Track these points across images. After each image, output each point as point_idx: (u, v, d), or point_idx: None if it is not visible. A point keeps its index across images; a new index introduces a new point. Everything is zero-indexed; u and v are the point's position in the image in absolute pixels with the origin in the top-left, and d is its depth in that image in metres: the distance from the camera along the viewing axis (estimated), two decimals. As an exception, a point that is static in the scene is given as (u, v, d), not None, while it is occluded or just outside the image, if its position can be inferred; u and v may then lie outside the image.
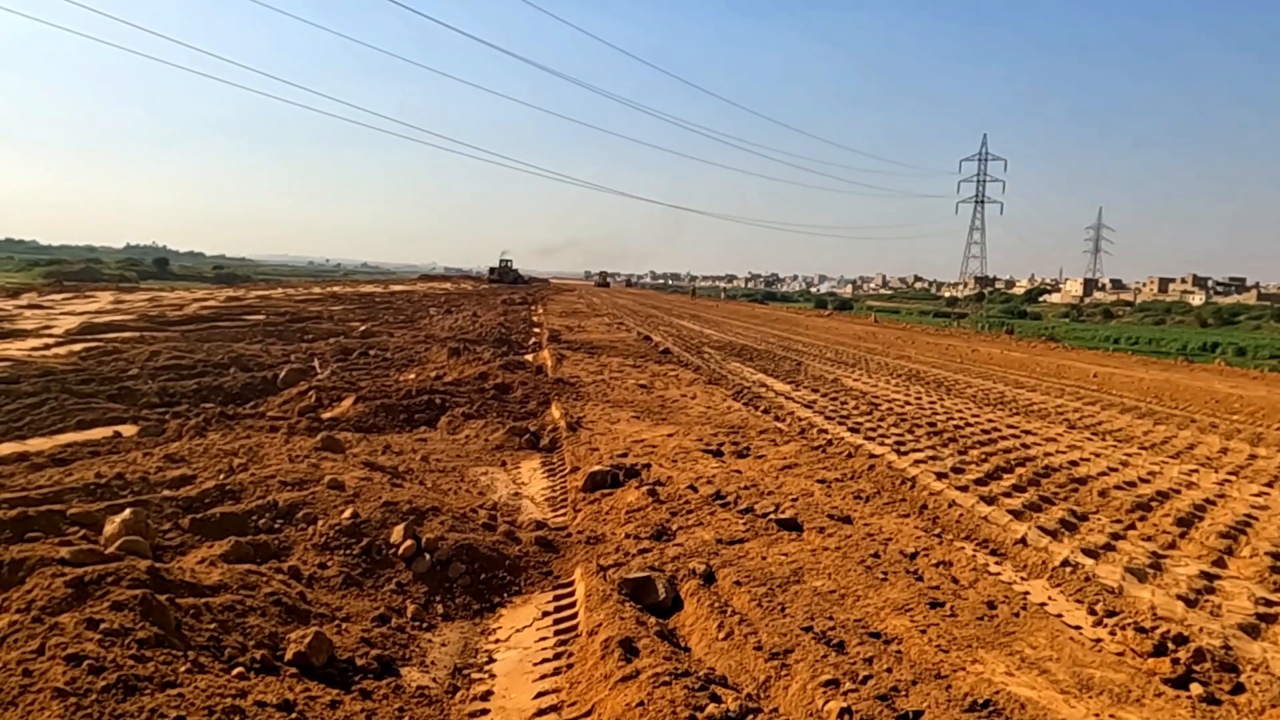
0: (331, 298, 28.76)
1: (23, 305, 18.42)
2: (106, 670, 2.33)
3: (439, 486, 5.42)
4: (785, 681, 2.93)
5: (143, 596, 2.72)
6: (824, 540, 4.54)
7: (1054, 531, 4.83)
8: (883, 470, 6.24)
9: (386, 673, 3.03)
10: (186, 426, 6.49)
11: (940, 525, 5.06)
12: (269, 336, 14.10)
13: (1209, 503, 5.85)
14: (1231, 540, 4.92)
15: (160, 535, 3.90)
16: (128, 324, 14.56)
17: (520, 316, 25.48)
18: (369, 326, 17.24)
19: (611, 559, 4.19)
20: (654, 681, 2.73)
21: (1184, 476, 6.72)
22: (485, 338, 15.81)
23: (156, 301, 21.49)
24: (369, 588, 3.72)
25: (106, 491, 4.45)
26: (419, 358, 12.22)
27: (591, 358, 13.66)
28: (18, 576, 2.99)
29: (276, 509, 4.30)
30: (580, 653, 3.16)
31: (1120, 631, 3.50)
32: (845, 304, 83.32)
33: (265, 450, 5.63)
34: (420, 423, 7.69)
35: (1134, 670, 3.20)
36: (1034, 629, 3.53)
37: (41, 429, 6.51)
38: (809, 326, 31.35)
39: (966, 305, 68.91)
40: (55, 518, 3.89)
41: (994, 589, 3.97)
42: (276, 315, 18.79)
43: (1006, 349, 23.46)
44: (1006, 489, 5.82)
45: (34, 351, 10.48)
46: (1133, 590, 4.01)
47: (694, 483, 5.58)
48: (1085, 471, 6.59)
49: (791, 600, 3.65)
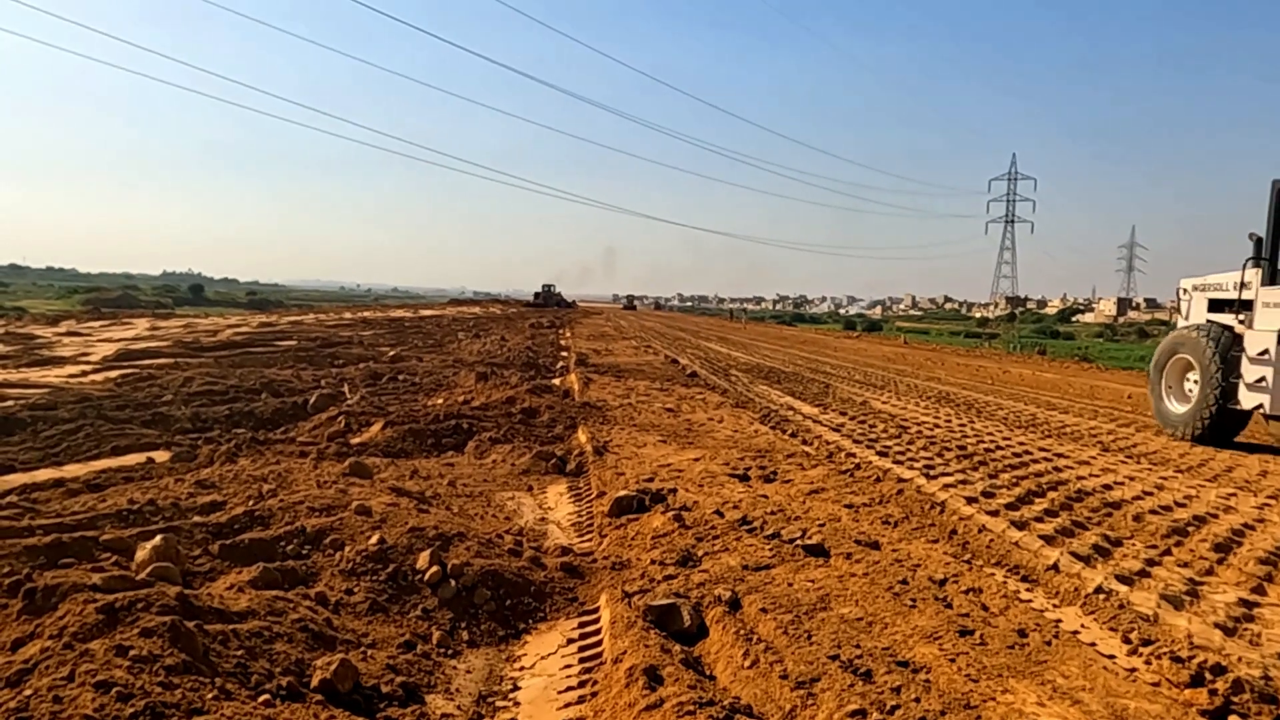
0: (362, 323, 29.10)
1: (61, 332, 18.82)
2: (135, 697, 2.36)
3: (465, 511, 5.45)
4: (811, 711, 2.90)
5: (171, 623, 2.76)
6: (851, 566, 4.49)
7: (1087, 557, 4.74)
8: (911, 495, 6.18)
9: (411, 700, 3.03)
10: (218, 452, 6.58)
11: (970, 551, 4.99)
12: (300, 362, 14.28)
13: (1248, 527, 5.72)
14: (1271, 567, 4.80)
15: (190, 561, 3.95)
16: (163, 350, 14.83)
17: (548, 340, 25.61)
18: (398, 351, 17.41)
19: (637, 585, 4.18)
20: (678, 711, 2.71)
21: (1221, 500, 6.58)
22: (513, 362, 15.90)
23: (191, 328, 21.87)
24: (395, 614, 3.73)
25: (139, 517, 4.52)
26: (447, 382, 12.31)
27: (618, 381, 13.69)
28: (51, 603, 3.04)
29: (304, 535, 4.34)
30: (604, 680, 3.14)
31: (1156, 661, 3.42)
32: (874, 325, 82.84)
33: (294, 476, 5.69)
34: (448, 447, 7.73)
35: (1170, 701, 3.12)
36: (1066, 658, 3.46)
37: (78, 455, 6.63)
38: (837, 348, 31.19)
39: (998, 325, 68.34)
40: (89, 544, 3.96)
41: (1025, 616, 3.90)
42: (308, 341, 19.03)
43: (1039, 370, 23.17)
44: (1038, 513, 5.73)
45: (71, 378, 10.70)
46: (1168, 618, 3.92)
47: (720, 508, 5.55)
48: (1119, 495, 6.48)
49: (818, 628, 3.61)
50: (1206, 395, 9.66)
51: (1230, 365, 9.42)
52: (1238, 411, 9.56)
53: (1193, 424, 9.91)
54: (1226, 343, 9.56)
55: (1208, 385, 9.64)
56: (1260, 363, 9.03)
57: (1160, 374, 10.73)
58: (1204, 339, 9.80)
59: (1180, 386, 10.46)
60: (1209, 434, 9.73)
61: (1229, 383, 9.42)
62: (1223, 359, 9.48)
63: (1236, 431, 10.01)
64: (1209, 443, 9.71)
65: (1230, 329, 9.70)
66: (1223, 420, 9.65)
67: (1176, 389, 10.53)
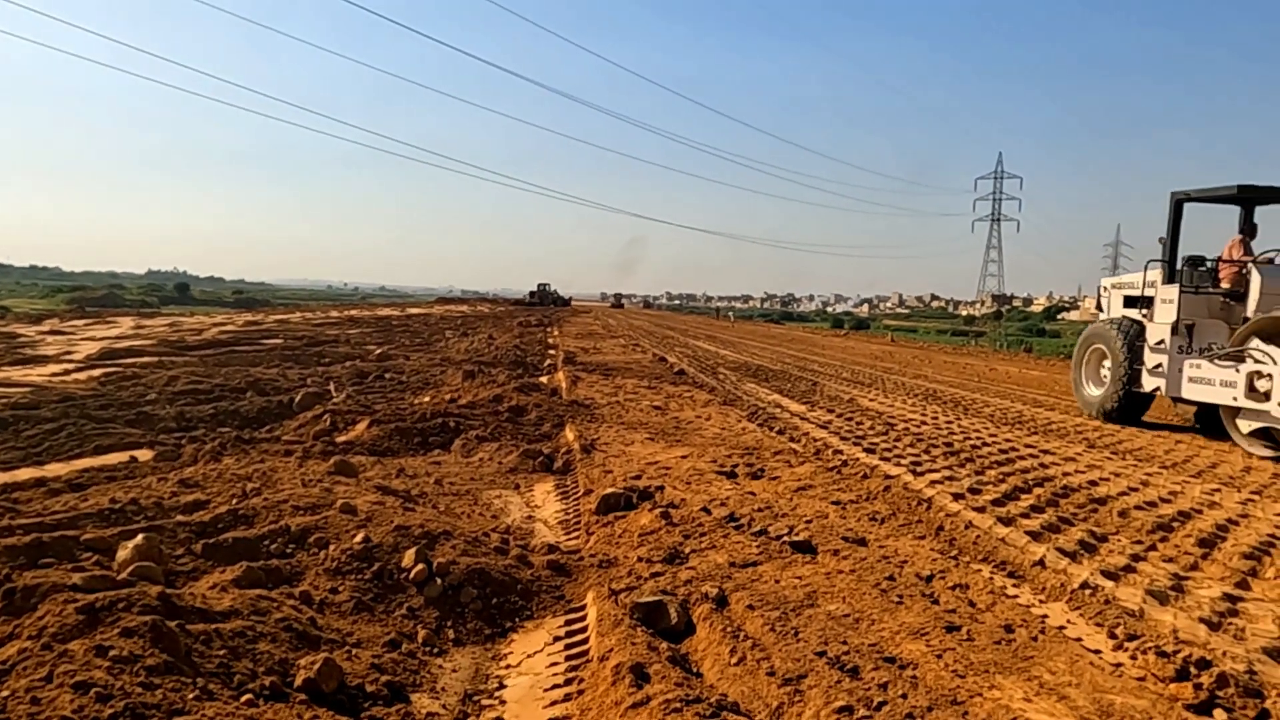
0: (349, 321, 28.97)
1: (45, 331, 18.66)
2: (114, 698, 2.33)
3: (452, 510, 5.42)
4: (798, 708, 2.89)
5: (153, 623, 2.72)
6: (838, 563, 4.49)
7: (1073, 553, 4.76)
8: (898, 491, 6.19)
9: (397, 699, 3.01)
10: (202, 451, 6.53)
11: (957, 547, 5.00)
12: (286, 360, 14.19)
13: (1232, 523, 5.75)
14: (1255, 561, 4.83)
15: (173, 560, 3.91)
16: (147, 349, 14.71)
17: (536, 339, 25.56)
18: (385, 350, 17.32)
19: (624, 582, 4.17)
20: (665, 708, 2.70)
21: (1206, 496, 6.62)
22: (501, 360, 15.85)
23: (176, 326, 21.71)
24: (380, 612, 3.71)
25: (121, 517, 4.48)
26: (434, 380, 12.26)
27: (606, 379, 13.67)
28: (30, 603, 3.00)
29: (289, 534, 4.30)
30: (591, 679, 3.13)
31: (1141, 656, 3.43)
32: (862, 323, 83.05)
33: (279, 474, 5.65)
34: (434, 446, 7.70)
35: (1156, 696, 3.13)
36: (1053, 653, 3.47)
37: (60, 454, 6.56)
38: (825, 346, 31.24)
39: (984, 323, 68.59)
40: (69, 544, 3.91)
41: (1012, 612, 3.91)
42: (294, 339, 18.93)
43: (1025, 367, 23.25)
44: (1024, 509, 5.74)
45: (54, 377, 10.60)
46: (1154, 613, 3.94)
47: (707, 505, 5.55)
48: (1105, 491, 6.50)
49: (805, 624, 3.61)
50: (1116, 380, 10.98)
51: (1136, 354, 10.67)
52: (1142, 394, 10.83)
53: (1105, 406, 11.23)
54: (1133, 334, 10.80)
55: (1117, 371, 10.97)
56: (1158, 351, 10.28)
57: (1080, 362, 12.04)
58: (1115, 331, 11.07)
59: (1097, 373, 11.75)
60: (1119, 414, 11.03)
61: (1134, 369, 10.69)
62: (1130, 348, 10.73)
63: (1142, 412, 11.32)
64: (1119, 422, 11.02)
65: (1138, 322, 10.90)
66: (1130, 402, 10.97)
67: (1093, 375, 11.83)
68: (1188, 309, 10.19)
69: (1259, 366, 8.66)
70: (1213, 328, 10.01)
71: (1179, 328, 10.06)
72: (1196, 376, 9.61)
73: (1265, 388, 8.59)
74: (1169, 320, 10.17)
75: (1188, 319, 10.11)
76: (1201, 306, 10.30)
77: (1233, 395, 8.98)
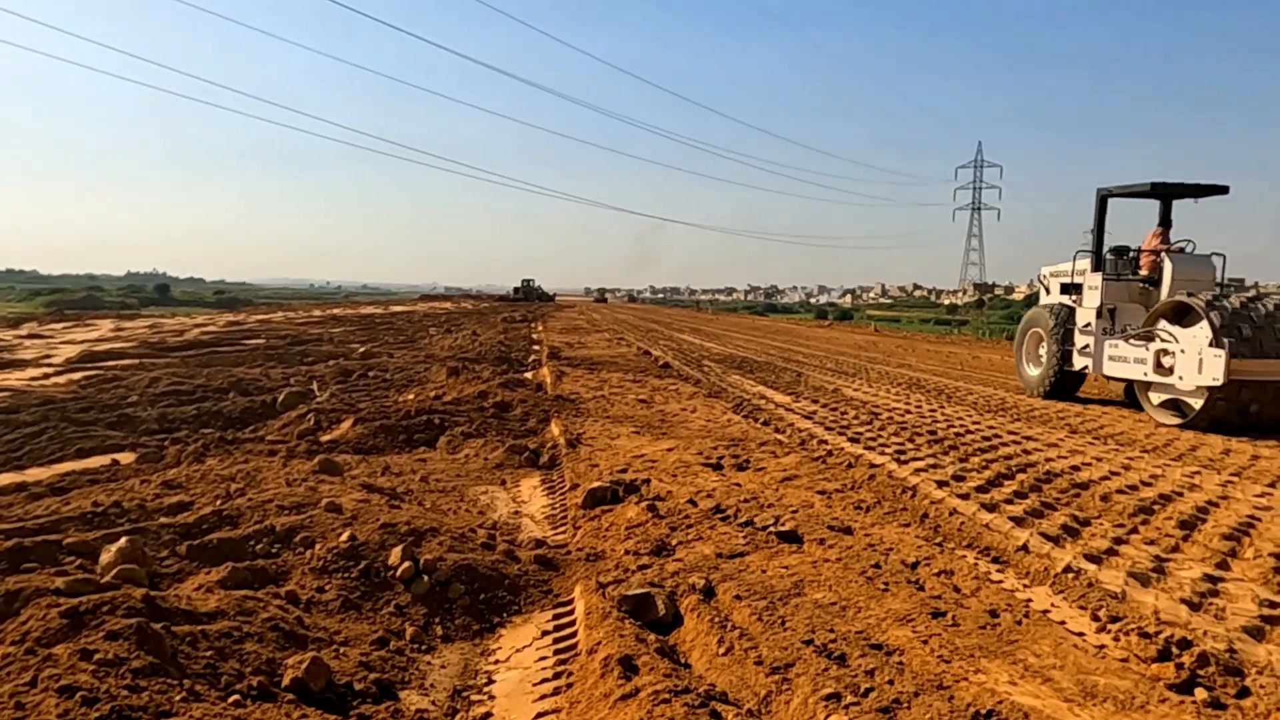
0: (332, 320, 28.82)
1: (23, 335, 18.47)
2: (100, 701, 2.32)
3: (438, 507, 5.41)
4: (786, 696, 2.91)
5: (138, 625, 2.71)
6: (824, 552, 4.52)
7: (1056, 538, 4.80)
8: (883, 480, 6.22)
9: (385, 696, 3.01)
10: (185, 452, 6.49)
11: (941, 534, 5.03)
12: (269, 360, 14.11)
13: (1212, 505, 5.82)
14: (1234, 542, 4.89)
15: (157, 563, 3.89)
16: (128, 351, 14.59)
17: (520, 334, 25.50)
18: (369, 348, 17.25)
19: (611, 576, 4.17)
20: (654, 699, 2.71)
21: (1186, 479, 6.69)
22: (485, 356, 15.82)
23: (157, 328, 21.54)
24: (367, 611, 3.70)
25: (104, 520, 4.45)
26: (419, 378, 12.21)
27: (591, 374, 13.66)
28: (13, 608, 2.99)
29: (274, 533, 4.29)
30: (580, 672, 3.14)
31: (1124, 637, 3.47)
32: (846, 314, 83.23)
33: (263, 474, 5.62)
34: (419, 443, 7.68)
35: (1138, 676, 3.17)
36: (1037, 637, 3.50)
37: (40, 458, 6.51)
38: (809, 337, 31.34)
39: (967, 312, 68.90)
40: (52, 548, 3.88)
41: (996, 597, 3.95)
42: (277, 339, 18.82)
43: (1008, 355, 23.37)
44: (1008, 495, 5.79)
45: (34, 381, 10.50)
46: (1136, 595, 3.99)
47: (694, 497, 5.56)
48: (1087, 476, 6.56)
49: (792, 613, 3.63)
50: (1051, 360, 11.96)
51: (1067, 336, 11.64)
52: (1074, 373, 11.79)
53: (1042, 384, 12.16)
54: (1066, 318, 11.73)
55: (1051, 352, 11.94)
56: (1085, 333, 11.27)
57: (1021, 344, 13.08)
58: (1050, 316, 12.00)
59: (1036, 354, 12.71)
60: (1054, 391, 11.99)
61: (1065, 350, 11.66)
62: (1062, 331, 11.69)
63: (1076, 388, 12.35)
64: (1055, 398, 11.95)
65: (1070, 307, 11.80)
66: (1064, 380, 11.94)
67: (1033, 356, 12.82)
68: (1111, 294, 11.13)
69: (1165, 345, 9.65)
70: (1133, 311, 10.91)
71: (1103, 311, 11.03)
72: (1115, 355, 10.58)
73: (1170, 363, 9.58)
74: (1095, 305, 11.12)
75: (1110, 304, 11.06)
76: (1123, 292, 11.21)
77: (1144, 371, 10.00)
